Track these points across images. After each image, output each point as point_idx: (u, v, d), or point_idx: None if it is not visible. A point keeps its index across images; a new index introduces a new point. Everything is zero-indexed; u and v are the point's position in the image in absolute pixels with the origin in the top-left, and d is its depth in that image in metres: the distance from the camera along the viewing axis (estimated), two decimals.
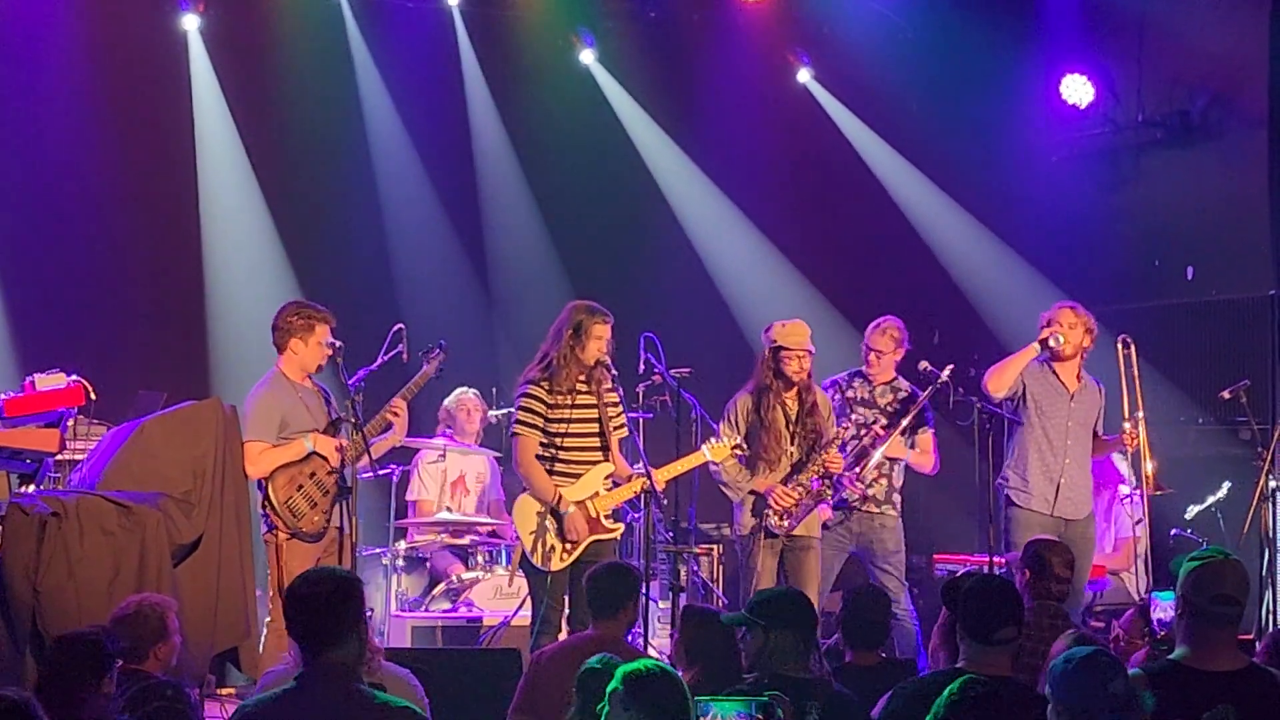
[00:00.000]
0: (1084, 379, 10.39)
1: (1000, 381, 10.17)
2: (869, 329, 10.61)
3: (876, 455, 10.16)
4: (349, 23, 13.27)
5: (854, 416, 10.36)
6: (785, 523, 9.86)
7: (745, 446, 9.90)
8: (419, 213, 13.49)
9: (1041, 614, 8.00)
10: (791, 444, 10.00)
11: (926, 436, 10.49)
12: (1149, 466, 10.52)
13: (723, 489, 10.06)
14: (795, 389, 9.98)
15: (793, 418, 10.00)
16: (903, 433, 10.28)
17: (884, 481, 10.31)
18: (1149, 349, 12.40)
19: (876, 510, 10.30)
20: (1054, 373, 10.28)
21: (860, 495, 10.21)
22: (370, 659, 6.38)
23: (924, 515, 12.93)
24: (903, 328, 10.52)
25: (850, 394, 10.45)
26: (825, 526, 10.16)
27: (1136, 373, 10.47)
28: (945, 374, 10.23)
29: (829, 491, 10.01)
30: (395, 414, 9.50)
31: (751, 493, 9.93)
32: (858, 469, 10.13)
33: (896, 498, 10.48)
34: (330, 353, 9.35)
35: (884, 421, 10.34)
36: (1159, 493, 10.65)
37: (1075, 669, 5.17)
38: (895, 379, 10.59)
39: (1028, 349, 10.22)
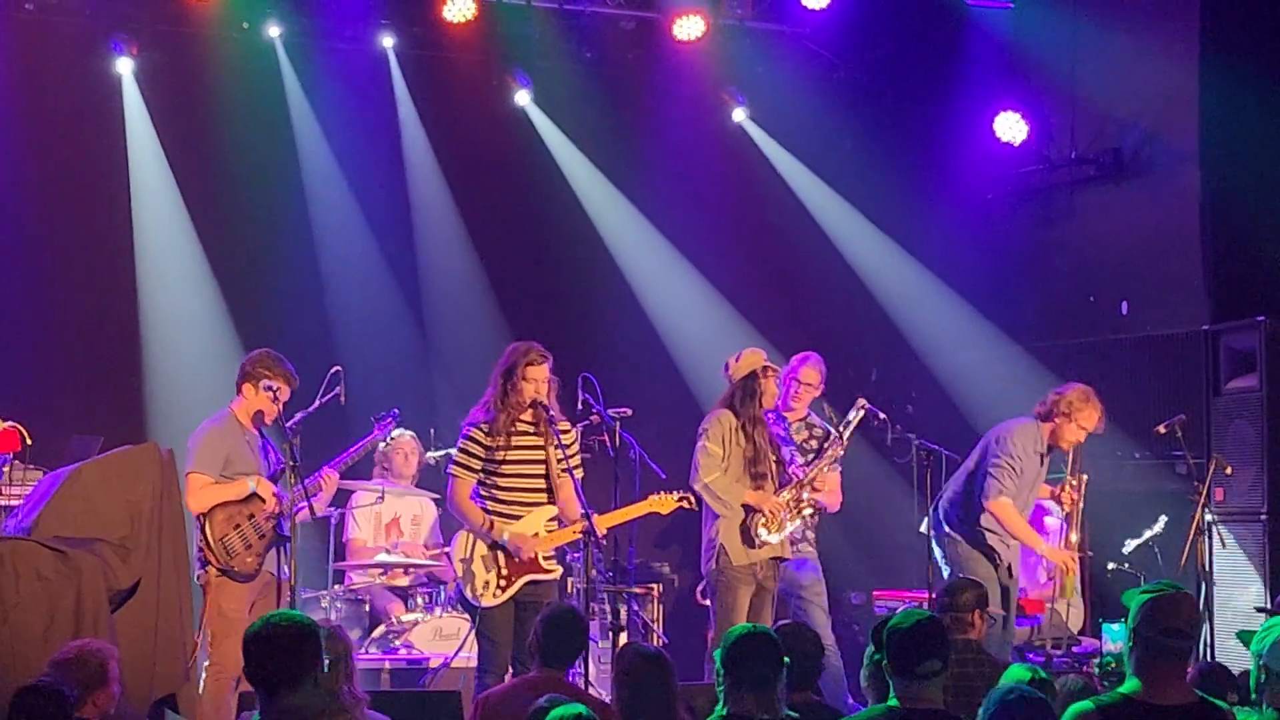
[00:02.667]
0: None
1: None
2: (797, 363, 10.69)
3: (805, 495, 10.14)
4: (284, 65, 13.21)
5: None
6: (775, 534, 9.85)
7: (693, 502, 9.88)
8: (355, 255, 13.43)
9: (964, 651, 8.07)
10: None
11: (835, 476, 10.51)
12: (1074, 536, 10.59)
13: (714, 504, 9.92)
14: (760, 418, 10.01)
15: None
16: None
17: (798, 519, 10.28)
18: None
19: (792, 546, 10.30)
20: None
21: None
22: (354, 707, 6.35)
23: (863, 552, 12.95)
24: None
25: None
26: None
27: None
28: (860, 407, 10.29)
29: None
30: (323, 485, 9.57)
31: (744, 506, 9.89)
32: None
33: (811, 534, 10.59)
34: (272, 414, 9.37)
35: (800, 460, 10.34)
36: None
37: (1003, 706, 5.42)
38: (808, 415, 10.67)
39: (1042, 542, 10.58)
